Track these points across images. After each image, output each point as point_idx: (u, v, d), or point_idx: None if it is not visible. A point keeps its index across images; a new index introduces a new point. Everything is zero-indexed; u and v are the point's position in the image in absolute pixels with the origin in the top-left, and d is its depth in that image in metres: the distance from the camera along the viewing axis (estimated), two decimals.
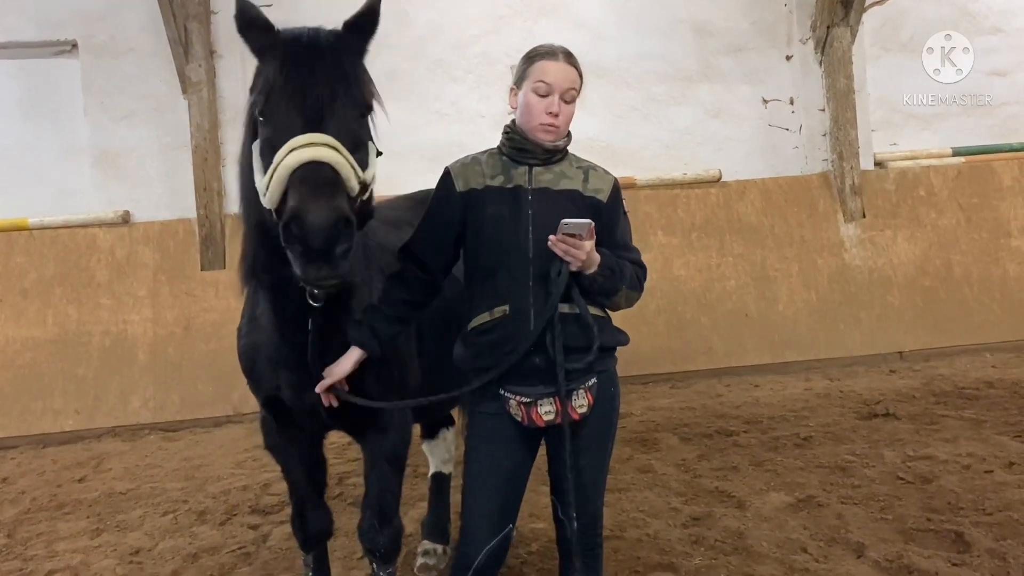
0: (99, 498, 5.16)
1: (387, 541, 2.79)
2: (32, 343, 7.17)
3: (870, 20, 8.35)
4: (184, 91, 7.65)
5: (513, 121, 2.46)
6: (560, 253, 2.21)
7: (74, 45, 7.81)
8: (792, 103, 8.54)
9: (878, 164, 8.37)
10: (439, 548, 3.75)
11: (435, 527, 3.86)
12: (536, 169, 2.41)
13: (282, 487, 4.87)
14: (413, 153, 7.10)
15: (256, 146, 2.17)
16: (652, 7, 8.39)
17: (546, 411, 2.32)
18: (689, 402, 6.57)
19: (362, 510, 2.84)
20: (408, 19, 8.01)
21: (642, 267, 2.48)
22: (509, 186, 2.39)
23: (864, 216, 8.06)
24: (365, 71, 2.32)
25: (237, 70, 7.74)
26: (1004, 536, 3.57)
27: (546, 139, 2.37)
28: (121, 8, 7.77)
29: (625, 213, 2.51)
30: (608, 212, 2.42)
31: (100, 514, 4.85)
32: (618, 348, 2.49)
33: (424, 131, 7.88)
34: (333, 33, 2.27)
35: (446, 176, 2.50)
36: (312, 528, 2.96)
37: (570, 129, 2.45)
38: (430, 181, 2.68)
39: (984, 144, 8.52)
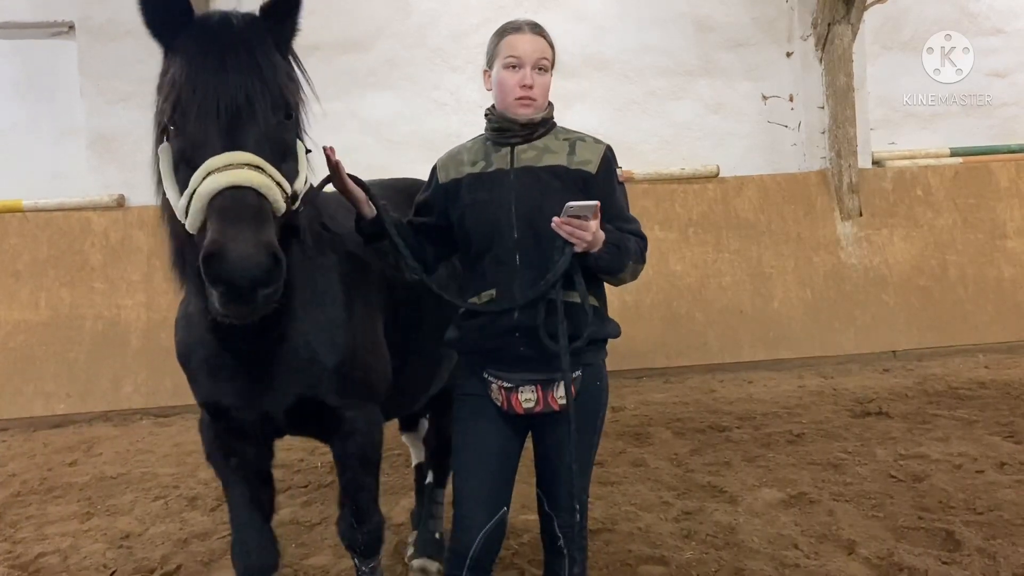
0: (90, 482, 5.14)
1: (366, 538, 2.74)
2: (24, 326, 7.14)
3: (871, 18, 8.33)
4: None
5: (493, 105, 2.44)
6: (565, 235, 2.15)
7: (71, 26, 7.76)
8: (792, 100, 8.53)
9: (876, 163, 8.37)
10: (434, 567, 3.45)
11: (427, 542, 3.59)
12: (519, 148, 2.37)
13: (273, 474, 4.88)
14: (411, 142, 7.09)
15: (164, 154, 1.92)
16: (654, 0, 8.37)
17: (526, 398, 2.31)
18: (683, 397, 6.57)
19: (339, 508, 2.77)
20: (408, 7, 7.97)
21: (643, 238, 2.41)
22: (490, 170, 2.37)
23: (861, 215, 8.05)
24: (288, 62, 2.10)
25: None
26: (994, 535, 3.58)
27: (524, 113, 2.34)
28: None
29: (621, 183, 2.43)
30: (599, 184, 2.35)
31: (91, 498, 4.84)
32: (611, 341, 2.45)
33: (422, 120, 7.85)
34: (246, 19, 2.00)
35: (433, 170, 2.53)
36: (254, 561, 2.54)
37: (551, 100, 2.42)
38: (427, 171, 2.66)
39: (982, 145, 8.53)
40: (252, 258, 1.65)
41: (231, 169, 1.74)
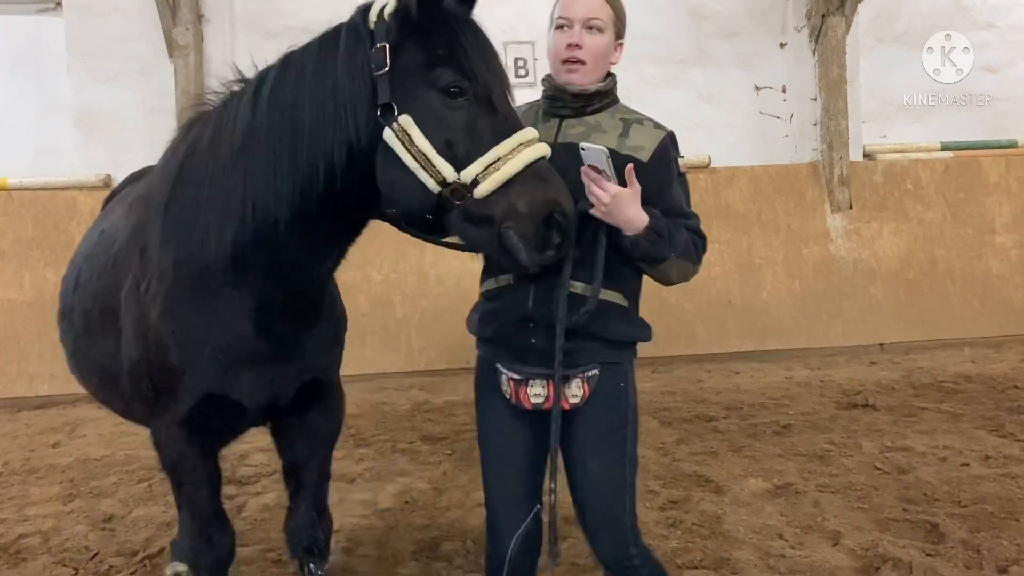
0: (73, 464, 5.10)
1: (326, 534, 2.70)
2: (8, 305, 7.06)
3: (865, 11, 8.30)
4: (170, 55, 7.51)
5: (549, 73, 2.25)
6: (586, 186, 1.97)
7: (58, 3, 7.65)
8: (784, 91, 8.50)
9: (867, 156, 8.37)
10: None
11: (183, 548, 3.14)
12: (568, 122, 2.17)
13: (258, 458, 4.86)
14: None
15: (424, 121, 1.88)
16: None
17: (535, 393, 2.13)
18: (670, 387, 6.58)
19: (295, 505, 2.67)
20: None
21: (700, 235, 2.17)
22: None
23: (851, 207, 8.06)
24: None
25: (225, 34, 7.62)
26: (978, 528, 3.60)
27: (572, 79, 2.13)
28: None
29: (681, 174, 2.19)
30: (651, 173, 2.07)
31: (73, 480, 4.80)
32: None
33: None
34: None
35: None
36: (220, 552, 2.55)
37: (613, 71, 2.22)
38: None
39: (973, 140, 8.54)
40: (572, 211, 1.90)
41: (537, 143, 1.90)
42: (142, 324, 2.30)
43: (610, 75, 2.23)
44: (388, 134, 1.87)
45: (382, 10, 1.93)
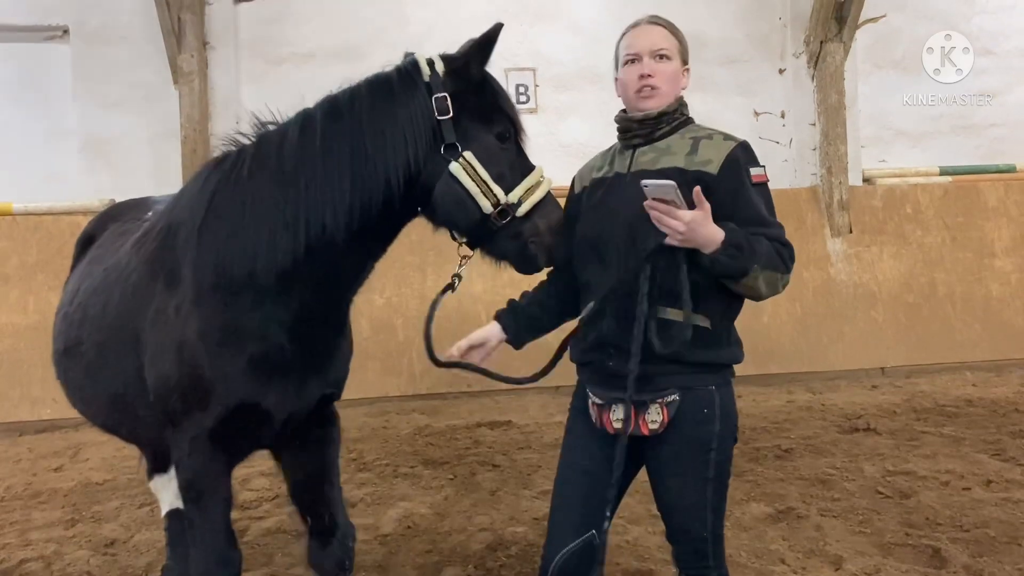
0: (75, 488, 5.10)
1: (352, 547, 2.74)
2: (12, 329, 7.09)
3: (863, 37, 8.40)
4: (175, 81, 7.61)
5: (623, 108, 2.34)
6: (654, 221, 1.99)
7: (65, 31, 7.76)
8: (783, 116, 8.59)
9: (866, 180, 8.43)
10: None
11: None
12: (640, 150, 2.23)
13: (260, 483, 4.86)
14: None
15: (483, 157, 2.28)
16: (648, 14, 8.40)
17: (617, 417, 2.17)
18: None
19: (318, 521, 2.70)
20: (405, 16, 7.99)
21: (785, 244, 2.11)
22: (609, 175, 2.28)
23: (851, 231, 8.11)
24: None
25: (229, 62, 7.71)
26: (980, 553, 3.59)
27: (649, 104, 2.21)
28: None
29: (757, 183, 2.15)
30: (723, 184, 2.08)
31: (76, 504, 4.80)
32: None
33: None
34: None
35: (572, 181, 2.49)
36: (230, 573, 2.55)
37: (682, 95, 2.30)
38: None
39: (971, 164, 8.59)
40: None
41: (545, 178, 2.35)
42: (175, 342, 2.41)
43: (679, 98, 2.29)
44: (455, 167, 2.25)
45: (431, 64, 2.35)
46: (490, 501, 4.55)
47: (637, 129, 2.24)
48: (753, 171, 2.15)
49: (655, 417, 2.14)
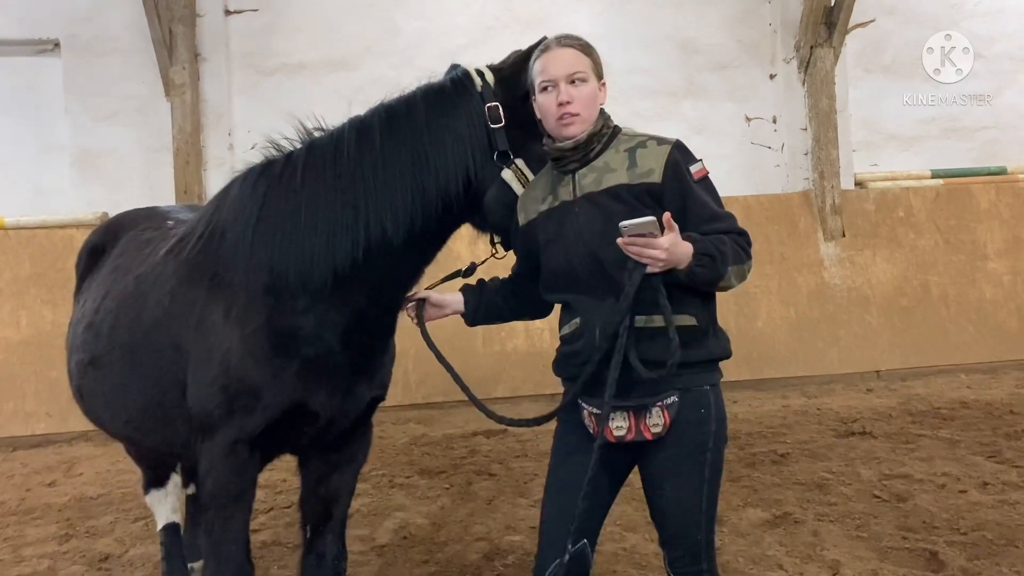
0: (69, 503, 5.08)
1: (346, 565, 2.75)
2: (4, 344, 7.06)
3: (853, 42, 8.45)
4: (167, 93, 7.60)
5: (548, 134, 2.32)
6: (634, 257, 1.99)
7: (56, 44, 7.75)
8: (775, 121, 8.62)
9: (858, 184, 8.45)
10: None
11: None
12: (580, 173, 2.23)
13: (258, 495, 4.83)
14: None
15: (532, 165, 2.38)
16: (639, 22, 8.45)
17: (617, 426, 2.16)
18: None
19: (318, 537, 2.72)
20: (396, 27, 8.00)
21: (741, 234, 2.18)
22: (556, 205, 2.26)
23: (844, 235, 8.13)
24: None
25: (221, 74, 7.71)
26: (977, 556, 3.59)
27: (571, 131, 2.19)
28: (105, 8, 7.72)
29: (699, 179, 2.19)
30: (669, 190, 2.13)
31: (70, 519, 4.77)
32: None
33: None
34: None
35: (516, 212, 2.44)
36: None
37: (603, 107, 2.29)
38: None
39: (963, 167, 8.63)
40: None
41: None
42: (223, 346, 2.43)
43: (600, 113, 2.27)
44: (508, 174, 2.36)
45: (480, 74, 2.45)
46: (487, 510, 4.54)
47: (571, 156, 2.23)
48: (693, 169, 2.19)
49: (657, 420, 2.14)
